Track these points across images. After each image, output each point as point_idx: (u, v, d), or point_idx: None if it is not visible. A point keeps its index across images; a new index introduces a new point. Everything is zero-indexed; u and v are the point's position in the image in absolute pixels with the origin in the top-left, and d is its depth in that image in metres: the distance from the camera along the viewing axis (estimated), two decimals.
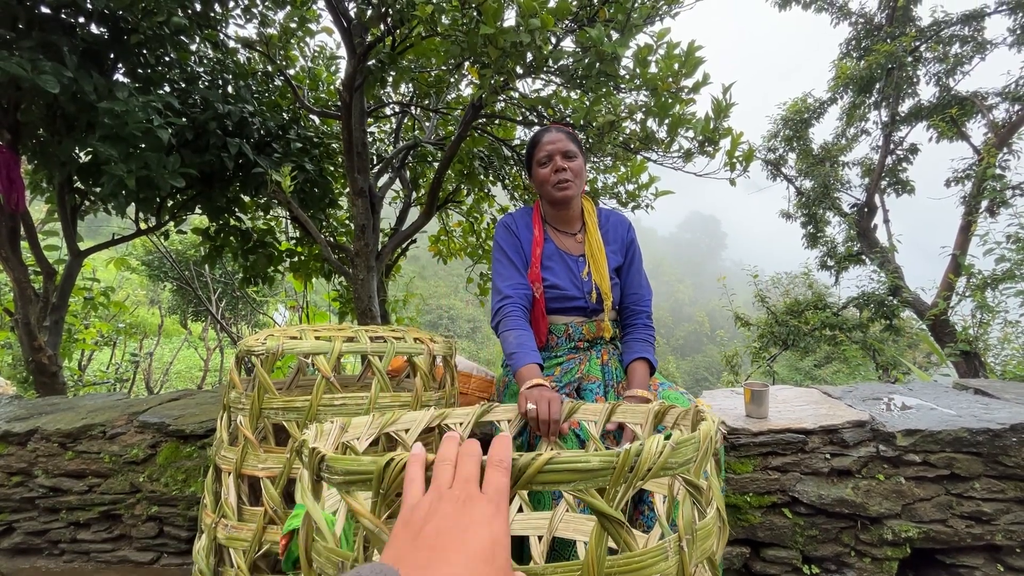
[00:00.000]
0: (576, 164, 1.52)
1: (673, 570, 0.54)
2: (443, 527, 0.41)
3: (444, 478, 0.46)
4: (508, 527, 0.44)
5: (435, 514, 0.42)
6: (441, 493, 0.44)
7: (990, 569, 1.46)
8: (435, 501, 0.44)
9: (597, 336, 1.54)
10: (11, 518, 1.86)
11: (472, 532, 0.40)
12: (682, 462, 0.55)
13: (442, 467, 0.47)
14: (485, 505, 0.43)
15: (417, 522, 0.42)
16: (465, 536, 0.40)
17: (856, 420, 1.52)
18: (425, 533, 0.41)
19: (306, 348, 1.10)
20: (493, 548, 0.40)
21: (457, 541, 0.40)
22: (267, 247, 3.87)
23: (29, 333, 2.73)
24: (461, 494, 0.44)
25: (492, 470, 0.47)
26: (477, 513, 0.42)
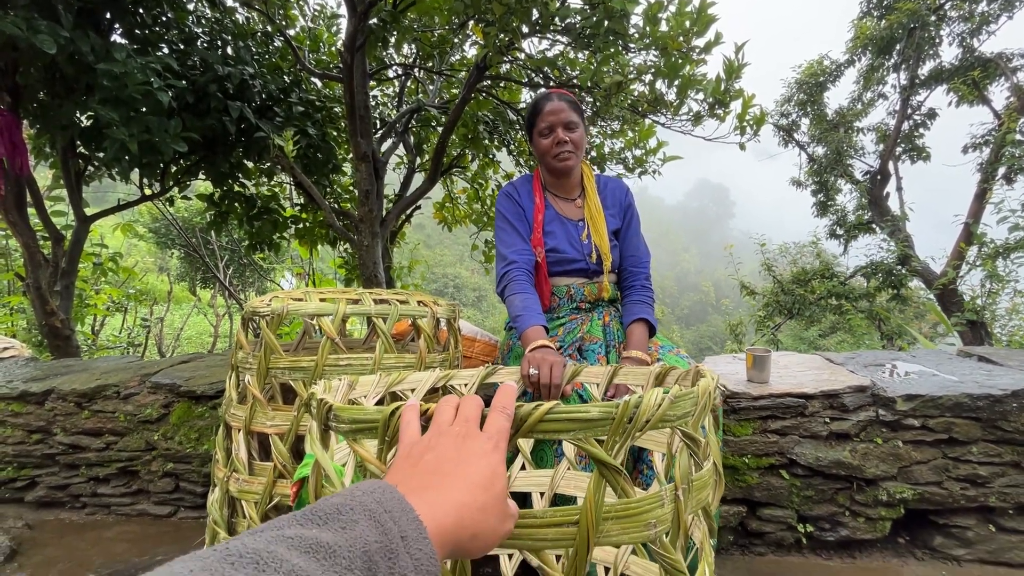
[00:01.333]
0: (577, 135, 1.51)
1: (668, 517, 0.55)
2: (443, 457, 0.41)
3: (445, 417, 0.47)
4: (505, 465, 0.44)
5: (435, 447, 0.43)
6: (441, 430, 0.45)
7: (981, 529, 1.50)
8: (435, 436, 0.44)
9: (598, 297, 1.56)
10: (34, 473, 1.94)
11: (471, 463, 0.41)
12: (680, 415, 0.56)
13: (443, 407, 0.48)
14: (484, 441, 0.44)
15: (416, 455, 0.42)
16: (464, 466, 0.40)
17: (857, 385, 1.53)
18: (425, 462, 0.41)
19: (310, 310, 1.11)
20: (492, 478, 0.41)
21: (456, 469, 0.40)
22: (272, 213, 3.87)
23: (41, 297, 2.77)
24: (461, 430, 0.44)
25: (493, 413, 0.48)
26: (476, 447, 0.43)
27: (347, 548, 0.29)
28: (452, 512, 0.37)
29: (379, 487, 0.35)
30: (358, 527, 0.30)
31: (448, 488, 0.38)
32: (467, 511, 0.38)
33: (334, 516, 0.31)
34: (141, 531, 1.82)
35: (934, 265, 5.56)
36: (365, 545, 0.29)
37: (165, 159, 2.97)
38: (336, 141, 3.76)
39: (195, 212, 7.26)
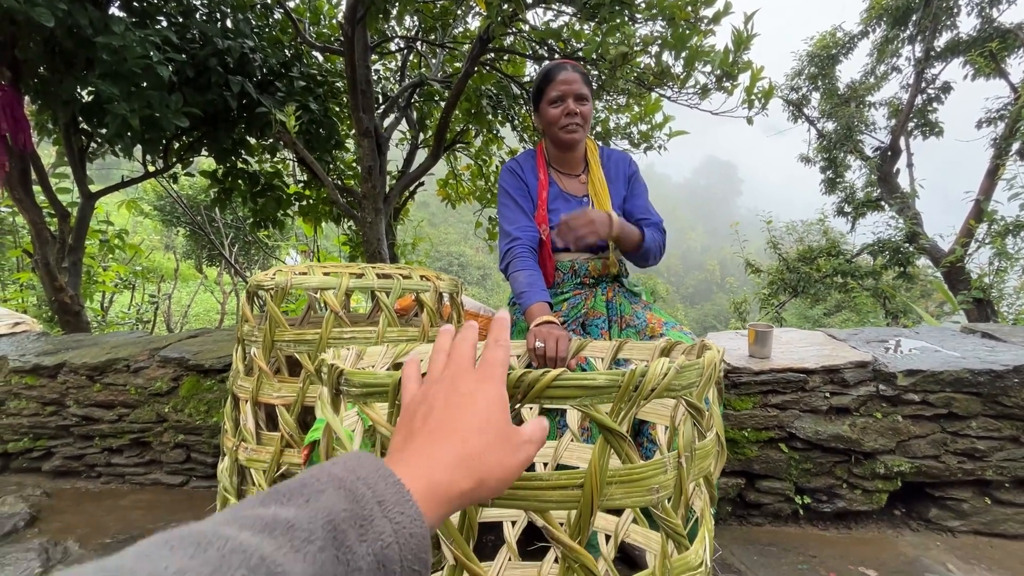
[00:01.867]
0: (586, 109, 1.49)
1: (671, 483, 0.57)
2: (433, 407, 0.39)
3: (437, 367, 0.44)
4: (503, 393, 0.42)
5: (426, 398, 0.40)
6: (434, 378, 0.43)
7: (977, 502, 1.52)
8: (428, 387, 0.42)
9: (603, 273, 1.56)
10: (49, 443, 1.99)
11: (463, 407, 0.39)
12: (685, 385, 0.57)
13: (436, 356, 0.45)
14: (476, 378, 0.41)
15: (411, 412, 0.40)
16: (455, 411, 0.38)
17: (858, 360, 1.54)
18: (418, 418, 0.39)
19: (314, 283, 1.12)
20: (488, 417, 0.38)
21: (447, 417, 0.38)
22: (275, 190, 3.86)
23: (49, 274, 2.79)
24: (451, 373, 0.42)
25: (488, 348, 0.45)
26: (466, 387, 0.40)
27: (307, 520, 0.27)
28: (448, 465, 0.35)
29: (352, 456, 0.33)
30: (323, 497, 0.29)
31: (440, 440, 0.37)
32: (465, 461, 0.36)
33: (297, 491, 0.29)
34: (155, 499, 1.87)
35: (942, 243, 5.51)
36: (329, 514, 0.28)
37: (167, 135, 2.96)
38: (338, 117, 3.71)
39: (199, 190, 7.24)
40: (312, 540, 0.26)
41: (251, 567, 0.22)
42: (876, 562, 1.43)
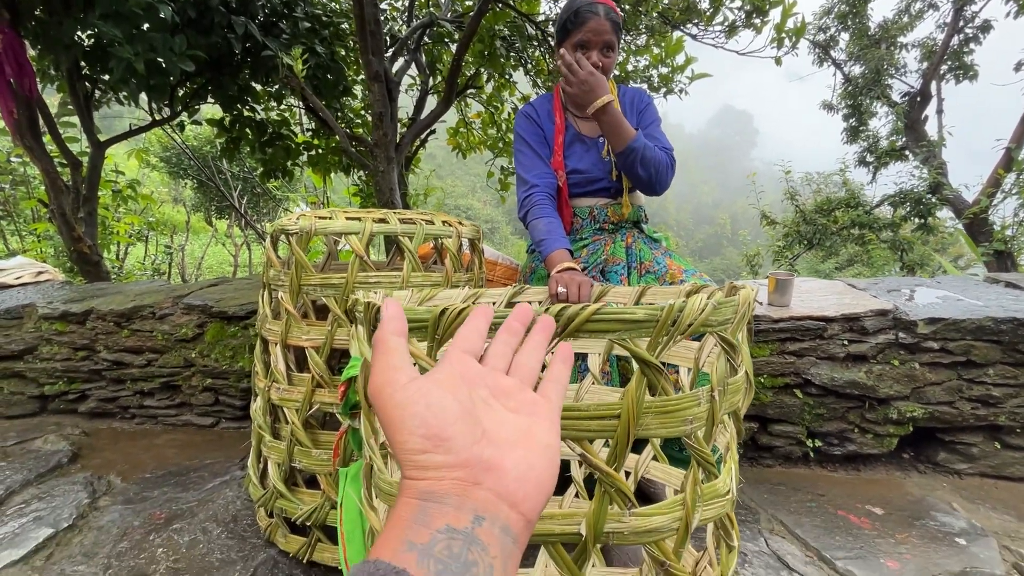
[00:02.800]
0: (611, 60, 1.45)
1: (704, 415, 0.58)
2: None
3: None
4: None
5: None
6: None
7: (987, 446, 1.55)
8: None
9: (622, 218, 1.54)
10: (83, 387, 2.07)
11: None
12: (721, 321, 0.57)
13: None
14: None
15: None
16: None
17: (879, 309, 1.53)
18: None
19: (338, 228, 1.12)
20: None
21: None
22: (284, 140, 3.80)
23: (67, 223, 2.81)
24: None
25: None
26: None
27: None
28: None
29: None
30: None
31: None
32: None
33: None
34: (188, 439, 1.96)
35: (966, 194, 5.33)
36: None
37: (173, 80, 2.88)
38: (345, 61, 3.59)
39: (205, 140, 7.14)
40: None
41: None
42: (882, 501, 1.48)
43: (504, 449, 0.30)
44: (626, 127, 1.38)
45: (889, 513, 1.43)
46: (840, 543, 1.30)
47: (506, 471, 0.29)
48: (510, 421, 0.32)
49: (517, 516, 0.28)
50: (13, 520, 1.43)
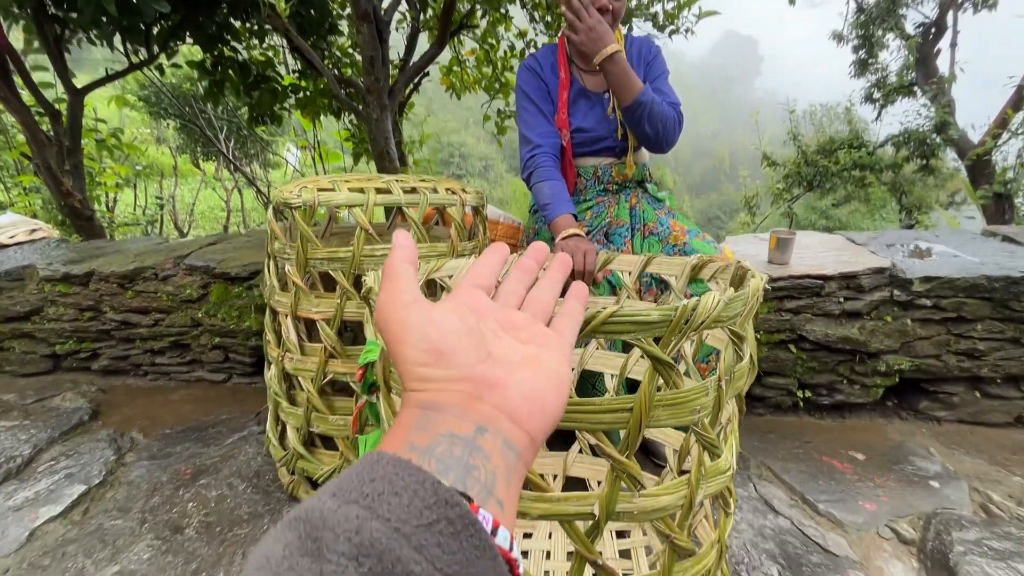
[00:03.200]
0: (620, 5, 1.36)
1: (711, 404, 0.62)
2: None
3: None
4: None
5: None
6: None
7: (967, 395, 1.64)
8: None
9: (626, 178, 1.52)
10: (94, 346, 2.11)
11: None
12: (731, 316, 0.59)
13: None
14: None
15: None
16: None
17: (877, 267, 1.56)
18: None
19: (341, 200, 1.10)
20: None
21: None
22: (269, 82, 3.62)
23: (54, 178, 2.73)
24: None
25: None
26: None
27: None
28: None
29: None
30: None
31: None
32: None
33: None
34: (202, 394, 2.02)
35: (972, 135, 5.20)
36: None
37: (147, 20, 2.70)
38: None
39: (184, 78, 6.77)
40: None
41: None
42: (864, 446, 1.58)
43: (508, 369, 0.29)
44: (634, 79, 1.33)
45: (870, 458, 1.53)
46: (823, 487, 1.40)
47: (509, 388, 0.28)
48: (518, 348, 0.31)
49: (521, 433, 0.28)
50: (46, 477, 1.51)
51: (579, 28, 1.32)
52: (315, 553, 0.20)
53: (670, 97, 1.44)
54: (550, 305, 0.37)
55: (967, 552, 1.13)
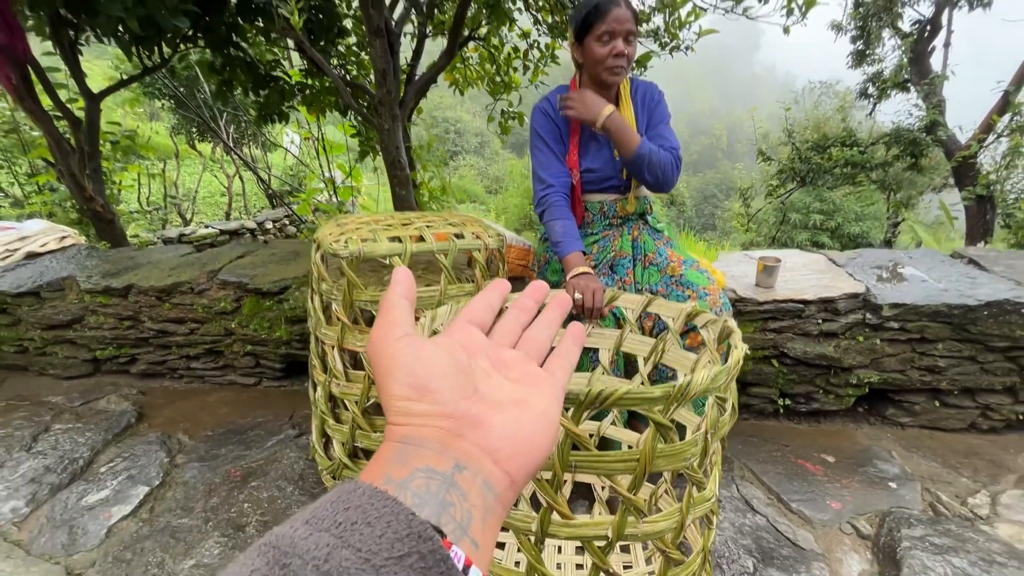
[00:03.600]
0: (633, 49, 1.49)
1: (699, 452, 0.80)
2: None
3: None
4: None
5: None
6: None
7: (928, 404, 1.84)
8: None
9: (629, 213, 1.68)
10: (132, 351, 2.27)
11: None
12: (717, 386, 0.77)
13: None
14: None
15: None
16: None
17: (852, 292, 1.74)
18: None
19: (382, 252, 1.26)
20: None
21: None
22: (277, 81, 3.70)
23: (77, 184, 2.84)
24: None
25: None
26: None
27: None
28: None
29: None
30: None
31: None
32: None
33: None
34: (236, 397, 2.20)
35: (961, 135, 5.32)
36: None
37: (164, 34, 2.78)
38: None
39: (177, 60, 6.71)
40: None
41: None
42: (836, 450, 1.79)
43: (493, 408, 0.29)
44: (632, 136, 1.47)
45: (839, 461, 1.74)
46: (796, 488, 1.61)
47: (492, 427, 0.28)
48: (507, 387, 0.31)
49: (501, 473, 0.28)
50: (109, 479, 1.69)
51: (572, 104, 1.47)
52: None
53: (670, 141, 1.58)
54: (545, 345, 0.38)
55: (912, 547, 1.34)
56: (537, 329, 0.38)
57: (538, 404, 0.31)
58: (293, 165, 8.44)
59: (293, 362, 2.20)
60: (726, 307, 1.48)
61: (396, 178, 2.91)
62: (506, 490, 0.28)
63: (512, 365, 0.34)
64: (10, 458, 1.78)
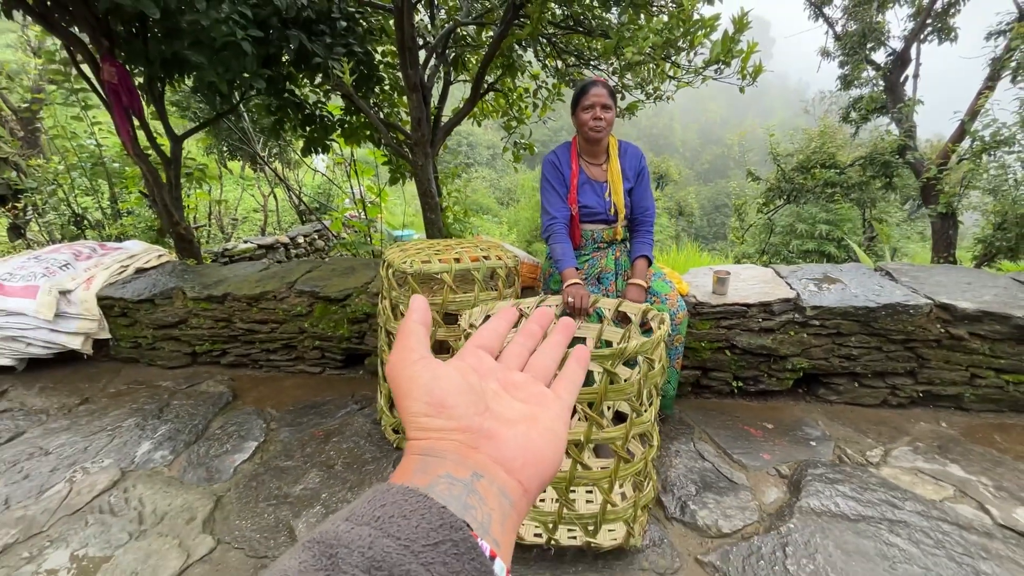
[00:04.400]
0: (610, 116, 2.05)
1: (636, 390, 1.35)
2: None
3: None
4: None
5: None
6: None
7: (849, 385, 2.36)
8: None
9: (613, 239, 2.23)
10: (224, 346, 2.87)
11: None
12: (647, 349, 1.32)
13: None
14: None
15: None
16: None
17: (784, 297, 2.27)
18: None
19: (437, 269, 1.83)
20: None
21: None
22: (323, 120, 4.33)
23: (168, 212, 3.48)
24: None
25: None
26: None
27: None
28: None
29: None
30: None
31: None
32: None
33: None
34: (305, 382, 2.78)
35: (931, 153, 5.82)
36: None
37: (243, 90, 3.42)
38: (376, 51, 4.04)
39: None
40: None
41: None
42: (775, 420, 2.31)
43: (505, 424, 0.32)
44: (644, 271, 2.06)
45: (776, 428, 2.26)
46: (740, 445, 2.14)
47: (504, 441, 0.31)
48: (516, 407, 0.34)
49: (515, 483, 0.30)
50: (225, 438, 2.27)
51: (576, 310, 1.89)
52: (330, 567, 0.22)
53: (650, 208, 2.16)
54: (551, 368, 0.40)
55: (812, 480, 1.86)
56: (543, 353, 0.40)
57: (546, 421, 0.33)
58: (321, 183, 9.14)
59: (352, 354, 2.78)
60: (682, 308, 2.03)
61: (427, 205, 3.51)
62: (520, 498, 0.30)
63: (521, 387, 0.36)
64: (147, 423, 2.38)
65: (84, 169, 4.42)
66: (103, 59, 2.88)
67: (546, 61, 4.12)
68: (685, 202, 21.58)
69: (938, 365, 2.25)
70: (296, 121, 4.30)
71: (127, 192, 4.45)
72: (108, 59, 2.84)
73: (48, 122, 4.15)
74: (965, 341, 2.18)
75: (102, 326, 2.89)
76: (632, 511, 1.49)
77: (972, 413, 2.30)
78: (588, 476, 1.39)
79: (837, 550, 1.57)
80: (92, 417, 2.44)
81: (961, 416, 2.29)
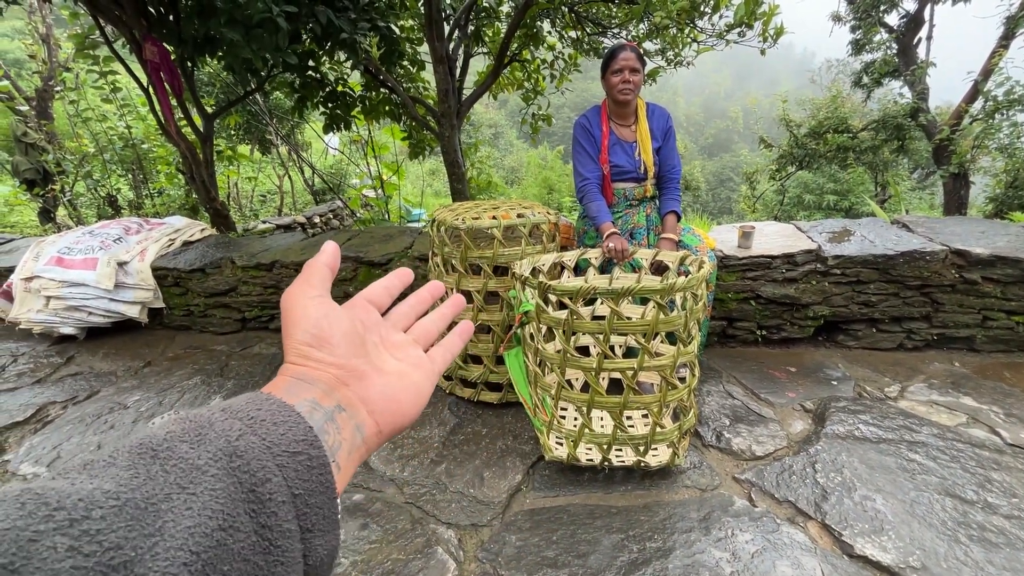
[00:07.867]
0: (637, 78, 2.16)
1: (683, 322, 1.50)
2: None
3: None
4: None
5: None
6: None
7: (867, 331, 2.50)
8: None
9: (644, 196, 2.36)
10: (272, 311, 3.04)
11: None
12: (691, 286, 1.47)
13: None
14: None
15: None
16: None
17: (807, 248, 2.41)
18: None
19: (486, 225, 1.98)
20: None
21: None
22: (344, 97, 4.43)
23: (205, 189, 3.63)
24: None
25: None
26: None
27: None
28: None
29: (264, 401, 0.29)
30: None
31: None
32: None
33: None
34: None
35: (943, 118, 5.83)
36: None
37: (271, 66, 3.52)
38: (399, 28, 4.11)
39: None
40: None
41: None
42: (798, 364, 2.47)
43: (377, 371, 0.35)
44: (675, 226, 2.19)
45: (799, 371, 2.42)
46: (765, 386, 2.30)
47: (373, 384, 0.34)
48: (391, 362, 0.37)
49: (372, 422, 0.33)
50: None
51: (617, 256, 2.02)
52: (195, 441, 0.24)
53: (677, 167, 2.28)
54: (433, 334, 0.43)
55: (836, 411, 2.03)
56: (429, 320, 0.43)
57: (414, 378, 0.37)
58: (333, 164, 9.23)
59: None
60: (711, 259, 2.17)
61: (454, 175, 3.63)
62: (372, 436, 0.33)
63: (399, 347, 0.39)
64: (212, 381, 2.57)
65: (115, 152, 4.56)
66: (144, 39, 2.99)
67: (564, 31, 4.19)
68: (691, 176, 21.44)
69: (952, 309, 2.39)
70: (319, 98, 4.40)
71: (157, 172, 4.59)
72: (150, 39, 2.95)
73: (81, 104, 4.28)
74: (978, 285, 2.32)
75: (157, 295, 3.06)
76: (677, 434, 1.66)
77: (983, 354, 2.45)
78: (640, 400, 1.56)
79: (862, 465, 1.74)
80: (159, 377, 2.63)
81: (973, 356, 2.44)
